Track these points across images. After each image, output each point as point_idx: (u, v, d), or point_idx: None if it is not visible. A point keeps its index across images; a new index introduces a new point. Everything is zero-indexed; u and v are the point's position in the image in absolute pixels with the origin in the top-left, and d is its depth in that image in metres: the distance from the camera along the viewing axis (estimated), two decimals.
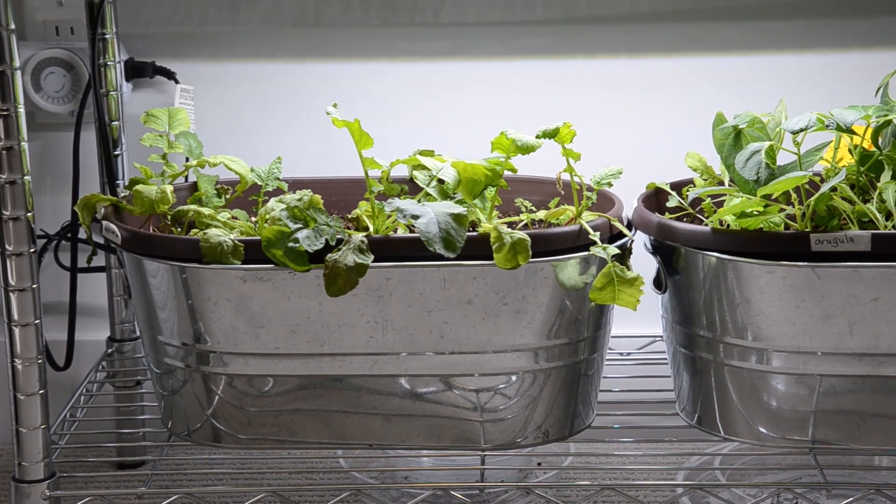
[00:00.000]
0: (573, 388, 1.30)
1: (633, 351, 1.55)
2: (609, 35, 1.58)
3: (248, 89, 1.59)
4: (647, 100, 1.59)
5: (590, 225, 1.27)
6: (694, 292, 1.28)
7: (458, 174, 1.27)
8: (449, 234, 1.22)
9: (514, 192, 1.40)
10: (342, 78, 1.59)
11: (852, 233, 1.22)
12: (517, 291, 1.25)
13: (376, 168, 1.31)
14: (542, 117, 1.36)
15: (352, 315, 1.26)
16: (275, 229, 1.24)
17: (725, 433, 1.30)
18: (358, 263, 1.23)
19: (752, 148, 1.27)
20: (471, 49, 1.59)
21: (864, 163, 1.31)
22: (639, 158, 1.53)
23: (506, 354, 1.27)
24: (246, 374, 1.28)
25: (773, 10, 1.56)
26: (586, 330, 1.29)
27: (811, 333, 1.24)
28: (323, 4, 1.58)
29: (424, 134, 1.58)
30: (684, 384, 1.33)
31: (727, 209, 1.27)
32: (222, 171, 1.40)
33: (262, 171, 1.39)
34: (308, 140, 1.59)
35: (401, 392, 1.28)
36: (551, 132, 1.28)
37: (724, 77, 1.58)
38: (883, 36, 1.55)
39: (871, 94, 1.39)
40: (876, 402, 1.25)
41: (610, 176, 1.34)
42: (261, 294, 1.25)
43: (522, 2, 1.57)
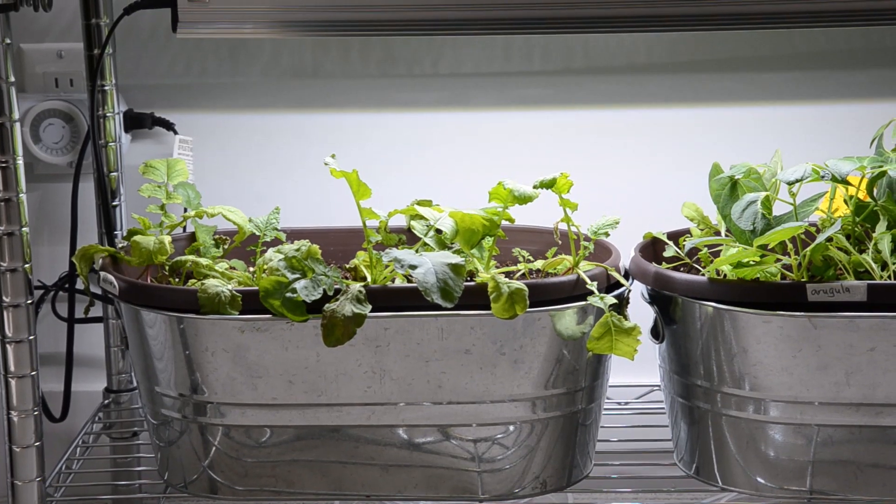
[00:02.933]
0: (571, 438, 1.30)
1: (632, 400, 1.54)
2: (606, 86, 1.59)
3: (246, 140, 1.60)
4: (643, 150, 1.59)
5: (587, 275, 1.27)
6: (691, 342, 1.28)
7: (455, 224, 1.28)
8: (447, 283, 1.22)
9: (511, 242, 1.41)
10: (340, 128, 1.60)
11: (848, 283, 1.22)
12: (515, 341, 1.25)
13: (374, 218, 1.31)
14: (539, 167, 1.37)
15: (349, 365, 1.26)
16: (272, 279, 1.24)
17: (723, 483, 1.29)
18: (356, 313, 1.23)
19: (749, 198, 1.28)
20: (469, 100, 1.60)
21: (860, 213, 1.31)
22: (636, 208, 1.53)
23: (503, 404, 1.27)
24: (243, 424, 1.28)
25: (768, 62, 1.58)
26: (584, 380, 1.29)
27: (808, 383, 1.24)
28: (321, 55, 1.59)
29: (422, 184, 1.58)
30: (682, 434, 1.33)
31: (724, 259, 1.27)
32: (220, 222, 1.41)
33: (260, 221, 1.39)
34: (306, 190, 1.59)
35: (398, 442, 1.28)
36: (548, 182, 1.29)
37: (721, 128, 1.59)
38: (877, 88, 1.56)
39: (865, 146, 1.40)
40: (873, 453, 1.25)
41: (607, 226, 1.34)
42: (258, 344, 1.25)
43: (520, 53, 1.59)
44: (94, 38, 1.51)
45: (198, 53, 1.59)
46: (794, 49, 1.57)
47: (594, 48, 1.58)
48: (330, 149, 1.36)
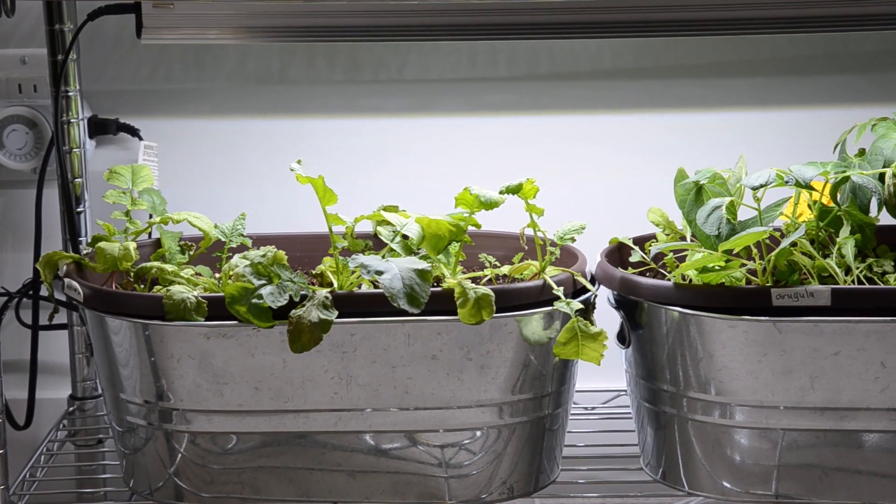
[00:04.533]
0: (538, 443, 1.30)
1: (598, 405, 1.55)
2: (572, 92, 1.59)
3: (212, 146, 1.59)
4: (609, 155, 1.60)
5: (553, 280, 1.28)
6: (657, 347, 1.29)
7: (422, 230, 1.28)
8: (413, 289, 1.22)
9: (478, 248, 1.41)
10: (306, 134, 1.59)
11: (812, 288, 1.23)
12: (481, 346, 1.26)
13: (340, 224, 1.31)
14: (505, 173, 1.37)
15: (316, 371, 1.26)
16: (238, 286, 1.24)
17: (690, 488, 1.30)
18: (322, 319, 1.22)
19: (714, 203, 1.28)
20: (435, 105, 1.60)
21: (824, 218, 1.32)
22: (602, 213, 1.54)
23: (470, 410, 1.27)
24: (209, 431, 1.27)
25: (732, 67, 1.59)
26: (551, 385, 1.29)
27: (773, 388, 1.24)
28: (287, 61, 1.59)
29: (389, 190, 1.58)
30: (648, 438, 1.33)
31: (689, 264, 1.28)
32: (186, 228, 1.40)
33: (225, 227, 1.39)
34: (272, 196, 1.59)
35: (365, 448, 1.28)
36: (514, 188, 1.29)
37: (686, 133, 1.59)
38: (840, 94, 1.58)
39: (829, 151, 1.41)
40: (838, 456, 1.25)
41: (573, 231, 1.35)
42: (224, 351, 1.25)
43: (486, 59, 1.59)
44: (57, 43, 1.50)
45: (163, 59, 1.58)
46: (758, 55, 1.58)
47: (560, 54, 1.58)
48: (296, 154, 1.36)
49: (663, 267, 1.37)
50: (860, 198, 1.31)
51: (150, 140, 1.57)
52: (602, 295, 1.33)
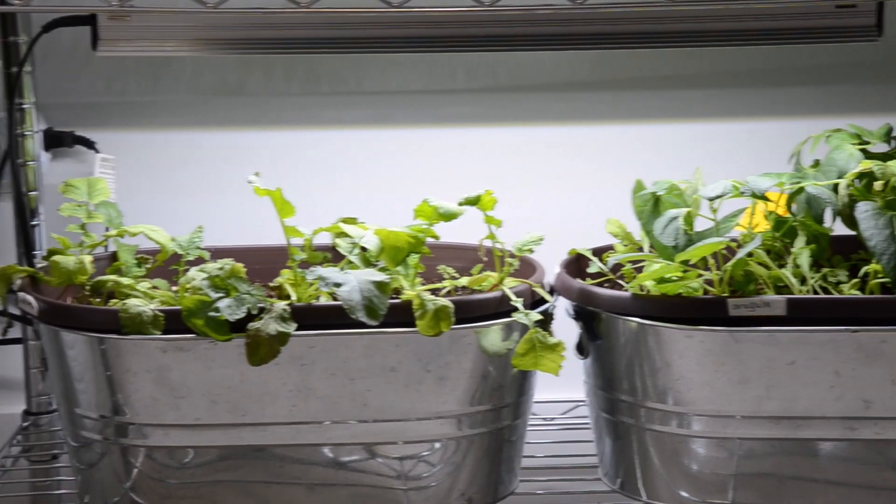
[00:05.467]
0: (497, 455, 1.30)
1: (557, 416, 1.55)
2: (530, 104, 1.60)
3: (169, 158, 1.59)
4: (568, 167, 1.61)
5: (512, 291, 1.28)
6: (615, 357, 1.29)
7: (380, 242, 1.28)
8: (371, 301, 1.22)
9: (436, 259, 1.41)
10: (265, 146, 1.59)
11: (768, 298, 1.24)
12: (440, 358, 1.26)
13: (298, 236, 1.31)
14: (464, 185, 1.37)
15: (274, 384, 1.25)
16: (195, 299, 1.23)
17: (648, 498, 1.30)
18: (280, 332, 1.22)
19: (671, 214, 1.29)
20: (394, 117, 1.60)
21: (779, 229, 1.33)
22: (561, 225, 1.54)
23: (429, 422, 1.27)
24: (166, 445, 1.27)
25: (689, 80, 1.60)
26: (509, 396, 1.30)
27: (730, 397, 1.25)
28: (245, 73, 1.59)
29: (348, 202, 1.58)
30: (607, 449, 1.34)
31: (647, 275, 1.28)
32: (143, 241, 1.39)
33: (183, 240, 1.38)
34: (231, 209, 1.58)
35: (324, 461, 1.27)
36: (473, 199, 1.30)
37: (644, 144, 1.60)
38: (795, 105, 1.59)
39: (784, 162, 1.42)
40: (793, 465, 1.26)
41: (531, 242, 1.35)
42: (181, 364, 1.24)
43: (444, 71, 1.59)
44: (12, 55, 1.49)
45: (119, 71, 1.57)
46: (714, 68, 1.60)
47: (518, 66, 1.59)
48: (254, 167, 1.35)
49: (621, 278, 1.38)
50: (815, 208, 1.32)
51: (107, 153, 1.56)
52: (560, 306, 1.33)
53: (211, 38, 1.49)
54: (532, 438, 1.45)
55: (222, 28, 1.48)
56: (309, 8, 1.28)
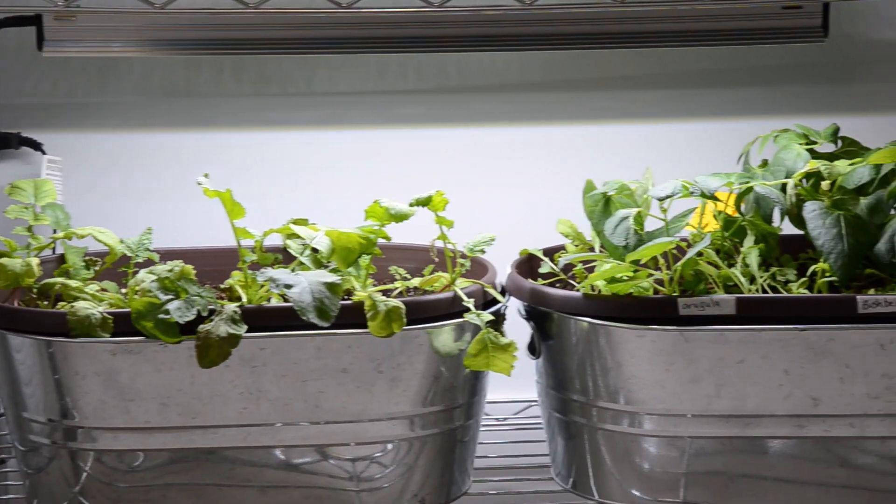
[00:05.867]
0: (449, 455, 1.30)
1: (510, 416, 1.55)
2: (481, 104, 1.60)
3: (118, 160, 1.57)
4: (519, 167, 1.61)
5: (464, 292, 1.28)
6: (567, 357, 1.29)
7: (331, 243, 1.27)
8: (322, 303, 1.22)
9: (388, 260, 1.41)
10: (215, 148, 1.58)
11: (717, 297, 1.25)
12: (392, 359, 1.25)
13: (249, 238, 1.30)
14: (416, 185, 1.37)
15: (225, 386, 1.24)
16: (145, 301, 1.22)
17: (600, 497, 1.31)
18: (230, 334, 1.21)
19: (621, 214, 1.30)
20: (344, 118, 1.60)
21: (728, 228, 1.34)
22: (513, 225, 1.55)
23: (381, 423, 1.27)
24: (115, 449, 1.25)
25: (639, 80, 1.61)
26: (462, 396, 1.30)
27: (681, 396, 1.26)
28: (194, 74, 1.58)
29: (299, 203, 1.58)
30: (559, 449, 1.34)
31: (598, 275, 1.29)
32: (91, 243, 1.38)
33: (131, 242, 1.37)
34: (180, 210, 1.57)
35: (276, 463, 1.27)
36: (424, 200, 1.30)
37: (594, 145, 1.61)
38: (743, 106, 1.61)
39: (733, 162, 1.43)
40: (743, 463, 1.27)
41: (483, 243, 1.35)
42: (130, 367, 1.23)
43: (395, 72, 1.59)
44: None
45: (66, 72, 1.56)
46: (663, 68, 1.61)
47: (468, 67, 1.59)
48: (204, 168, 1.34)
49: (573, 278, 1.38)
50: (763, 208, 1.34)
51: (54, 154, 1.54)
52: (512, 306, 1.34)
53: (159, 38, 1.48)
54: (485, 439, 1.45)
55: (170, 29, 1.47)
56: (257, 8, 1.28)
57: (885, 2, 1.57)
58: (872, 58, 1.59)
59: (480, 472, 1.38)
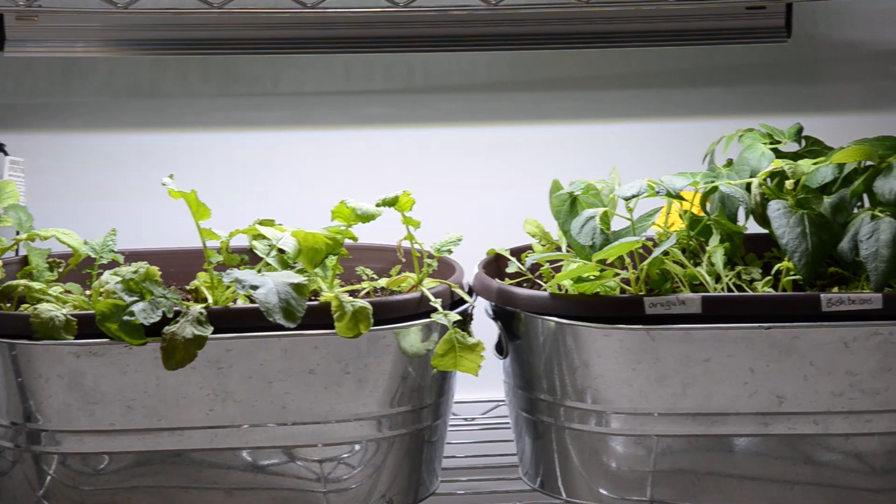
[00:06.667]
0: (417, 456, 1.30)
1: (478, 416, 1.55)
2: (448, 104, 1.60)
3: (81, 161, 1.56)
4: (486, 168, 1.61)
5: (431, 292, 1.28)
6: (534, 357, 1.30)
7: (298, 243, 1.27)
8: (289, 303, 1.21)
9: (355, 261, 1.41)
10: (180, 148, 1.57)
11: (684, 296, 1.26)
12: (359, 360, 1.25)
13: (215, 239, 1.30)
14: (383, 185, 1.37)
15: (191, 388, 1.24)
16: (109, 303, 1.21)
17: (567, 496, 1.31)
18: (196, 335, 1.21)
19: (587, 214, 1.30)
20: (311, 119, 1.59)
21: (694, 227, 1.35)
22: (480, 225, 1.55)
23: (349, 423, 1.27)
24: (80, 452, 1.25)
25: (605, 80, 1.61)
26: (429, 397, 1.30)
27: (647, 395, 1.26)
28: (159, 75, 1.57)
29: (266, 203, 1.57)
30: (527, 448, 1.34)
31: (564, 274, 1.29)
32: (55, 245, 1.37)
33: (96, 243, 1.36)
34: (146, 212, 1.56)
35: (242, 465, 1.26)
36: (391, 200, 1.29)
37: (561, 145, 1.61)
38: (708, 106, 1.61)
39: (699, 162, 1.44)
40: (709, 461, 1.28)
41: (450, 243, 1.35)
42: (95, 369, 1.22)
43: (361, 72, 1.59)
44: None
45: (28, 72, 1.54)
46: (629, 68, 1.61)
47: (435, 67, 1.59)
48: (169, 169, 1.34)
49: (540, 277, 1.39)
50: (729, 207, 1.34)
51: (17, 155, 1.53)
52: (480, 306, 1.34)
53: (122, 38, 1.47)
54: (453, 439, 1.45)
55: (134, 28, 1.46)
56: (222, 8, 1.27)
57: (847, 2, 1.58)
58: (835, 58, 1.60)
59: (448, 472, 1.38)
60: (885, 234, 1.26)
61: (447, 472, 1.37)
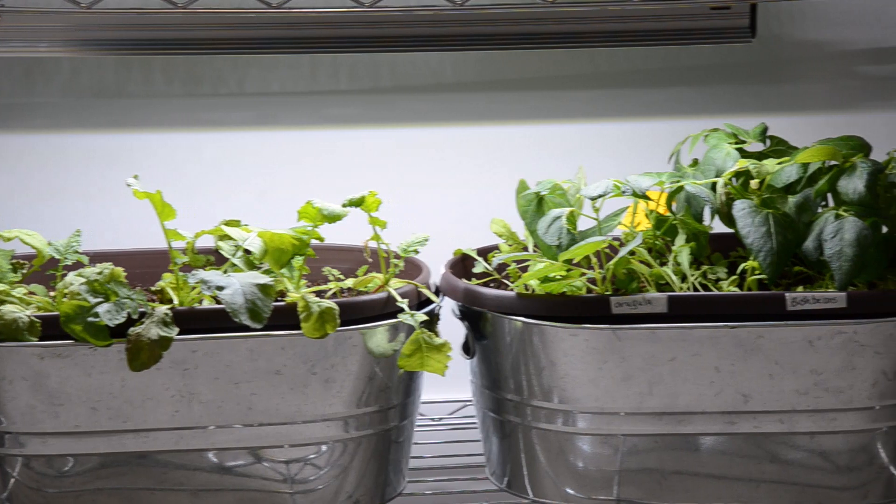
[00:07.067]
0: (384, 456, 1.30)
1: (445, 416, 1.55)
2: (415, 104, 1.60)
3: (45, 161, 1.55)
4: (453, 168, 1.61)
5: (398, 292, 1.28)
6: (501, 357, 1.30)
7: (264, 244, 1.27)
8: (255, 304, 1.21)
9: (322, 261, 1.40)
10: (145, 149, 1.57)
11: (650, 295, 1.26)
12: (326, 360, 1.25)
13: (180, 239, 1.29)
14: (349, 186, 1.37)
15: (156, 390, 1.23)
16: (73, 304, 1.21)
17: (534, 495, 1.31)
18: (162, 336, 1.20)
19: (554, 214, 1.30)
20: (277, 119, 1.59)
21: (660, 227, 1.35)
22: (447, 225, 1.55)
23: (315, 424, 1.26)
24: (44, 454, 1.24)
25: (571, 80, 1.61)
26: (396, 397, 1.30)
27: (614, 394, 1.27)
28: (123, 75, 1.56)
29: (231, 204, 1.56)
30: (494, 448, 1.34)
31: (531, 274, 1.29)
32: (18, 246, 1.36)
33: (60, 244, 1.35)
34: (111, 212, 1.55)
35: (208, 466, 1.26)
36: (357, 201, 1.29)
37: (528, 145, 1.62)
38: (674, 105, 1.62)
39: (665, 161, 1.44)
40: (676, 460, 1.28)
41: (417, 243, 1.35)
42: (59, 371, 1.21)
43: (327, 72, 1.59)
44: None
45: None
46: (595, 68, 1.62)
47: (401, 67, 1.59)
48: (134, 169, 1.33)
49: (507, 277, 1.39)
50: (694, 207, 1.35)
51: None
52: (447, 306, 1.34)
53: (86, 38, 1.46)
54: (420, 439, 1.45)
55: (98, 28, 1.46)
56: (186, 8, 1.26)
57: (812, 3, 1.59)
58: (799, 58, 1.61)
59: (415, 473, 1.38)
60: (849, 233, 1.26)
61: (414, 472, 1.37)
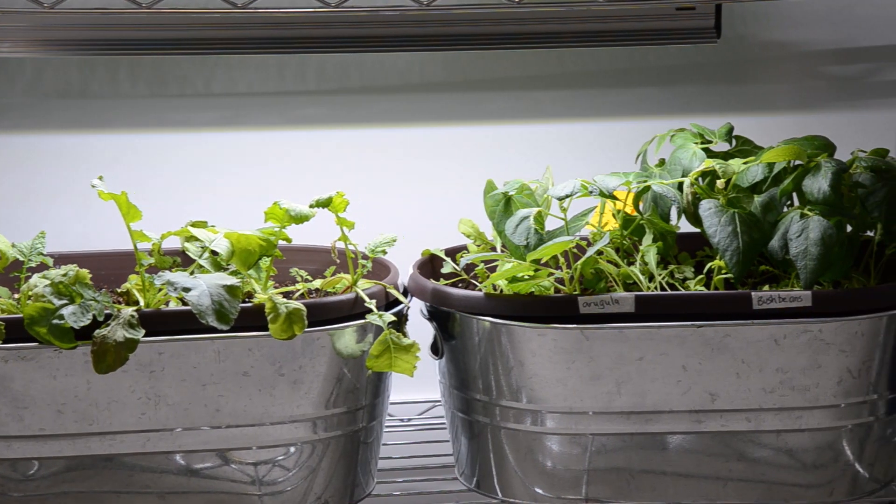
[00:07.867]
0: (353, 457, 1.30)
1: (414, 417, 1.55)
2: (382, 105, 1.60)
3: (8, 162, 1.54)
4: (421, 168, 1.61)
5: (366, 293, 1.27)
6: (470, 357, 1.30)
7: (231, 245, 1.26)
8: (222, 305, 1.20)
9: (289, 262, 1.40)
10: (110, 150, 1.55)
11: (617, 295, 1.26)
12: (294, 362, 1.25)
13: (146, 241, 1.28)
14: (317, 186, 1.36)
15: (122, 392, 1.22)
16: (38, 306, 1.20)
17: (503, 495, 1.31)
18: (128, 338, 1.19)
19: (522, 214, 1.30)
20: (244, 119, 1.58)
21: (627, 227, 1.36)
22: (415, 226, 1.55)
23: (283, 426, 1.26)
24: (8, 458, 1.23)
25: (539, 81, 1.62)
26: (365, 398, 1.29)
27: (582, 394, 1.27)
28: (88, 75, 1.55)
29: (199, 205, 1.56)
30: (462, 448, 1.34)
31: (499, 274, 1.29)
32: None
33: (24, 246, 1.34)
34: (75, 214, 1.54)
35: (176, 469, 1.25)
36: (325, 201, 1.29)
37: (495, 145, 1.62)
38: (641, 106, 1.62)
39: (632, 161, 1.45)
40: (644, 459, 1.29)
41: (384, 244, 1.35)
42: (24, 374, 1.20)
43: (294, 72, 1.58)
44: None
45: None
46: (563, 69, 1.62)
47: (369, 68, 1.59)
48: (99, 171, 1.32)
49: (475, 278, 1.39)
50: (661, 207, 1.35)
51: None
52: (415, 307, 1.34)
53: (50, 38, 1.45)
54: (389, 440, 1.45)
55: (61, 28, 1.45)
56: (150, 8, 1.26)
57: (776, 4, 1.60)
58: (764, 58, 1.62)
59: (384, 474, 1.37)
60: (814, 232, 1.27)
61: (383, 473, 1.37)
